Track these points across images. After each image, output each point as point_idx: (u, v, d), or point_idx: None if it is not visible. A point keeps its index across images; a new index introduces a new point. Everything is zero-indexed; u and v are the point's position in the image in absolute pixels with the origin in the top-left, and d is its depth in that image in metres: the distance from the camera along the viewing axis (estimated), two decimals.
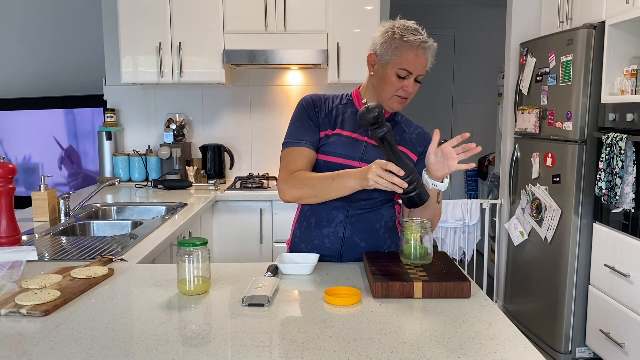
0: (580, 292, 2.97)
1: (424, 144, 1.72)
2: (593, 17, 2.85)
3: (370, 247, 1.69)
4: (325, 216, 1.68)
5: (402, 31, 1.64)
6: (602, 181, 2.65)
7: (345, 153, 1.63)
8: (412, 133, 1.74)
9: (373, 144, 1.65)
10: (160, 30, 3.38)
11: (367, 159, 1.62)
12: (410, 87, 1.64)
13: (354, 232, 1.67)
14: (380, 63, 1.65)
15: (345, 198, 1.64)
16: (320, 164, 1.65)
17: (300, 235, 1.74)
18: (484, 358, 1.03)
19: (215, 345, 1.08)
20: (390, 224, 1.73)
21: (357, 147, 1.64)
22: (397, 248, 1.74)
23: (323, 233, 1.69)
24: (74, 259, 1.75)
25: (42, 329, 1.17)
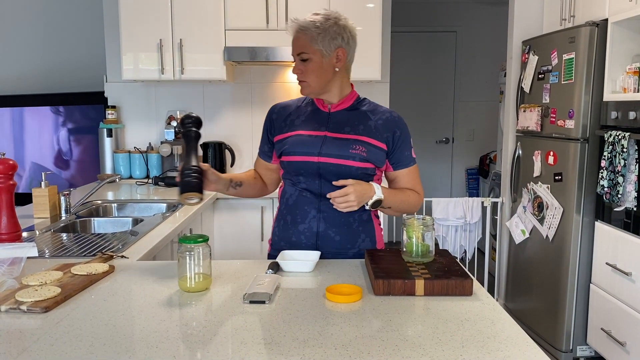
0: (582, 291, 2.97)
1: (392, 129, 1.73)
2: (596, 15, 2.84)
3: (345, 241, 1.71)
4: (299, 213, 1.72)
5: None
6: (604, 179, 2.64)
7: (304, 150, 1.68)
8: (379, 120, 1.73)
9: (333, 137, 1.68)
10: (161, 27, 3.37)
11: (326, 153, 1.66)
12: (296, 68, 1.70)
13: (327, 226, 1.70)
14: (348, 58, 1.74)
15: (316, 193, 1.70)
16: (285, 164, 1.74)
17: (279, 233, 1.79)
18: (486, 356, 1.02)
19: (216, 343, 1.08)
20: (364, 217, 1.74)
21: (315, 142, 1.68)
22: (372, 242, 1.77)
23: (299, 230, 1.72)
24: (75, 256, 1.75)
25: (43, 325, 1.17)
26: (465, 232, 3.79)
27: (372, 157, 1.68)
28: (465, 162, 5.75)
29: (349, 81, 1.76)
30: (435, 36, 5.66)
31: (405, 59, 5.59)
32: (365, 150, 1.66)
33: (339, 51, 1.67)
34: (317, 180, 1.69)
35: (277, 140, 1.75)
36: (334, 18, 1.68)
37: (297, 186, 1.73)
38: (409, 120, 6.14)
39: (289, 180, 1.76)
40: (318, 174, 1.68)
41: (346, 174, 1.65)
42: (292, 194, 1.74)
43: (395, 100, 5.10)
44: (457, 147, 5.79)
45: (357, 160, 1.65)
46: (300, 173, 1.70)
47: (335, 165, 1.65)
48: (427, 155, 5.78)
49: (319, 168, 1.67)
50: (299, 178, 1.71)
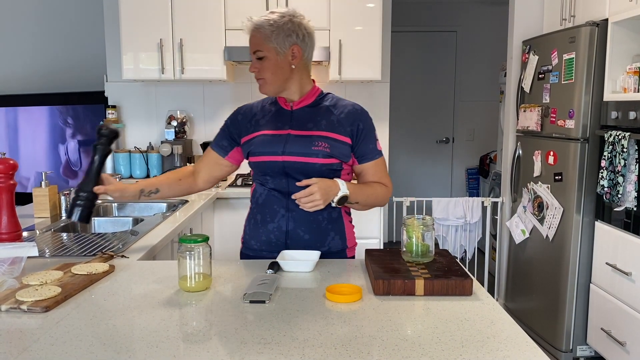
0: (582, 291, 2.97)
1: (355, 122, 1.72)
2: (596, 15, 2.84)
3: (314, 240, 1.72)
4: (268, 212, 1.74)
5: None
6: (604, 179, 2.65)
7: (268, 150, 1.69)
8: (341, 114, 1.73)
9: (296, 135, 1.69)
10: (161, 27, 3.37)
11: (289, 151, 1.67)
12: (252, 67, 1.71)
13: (296, 225, 1.71)
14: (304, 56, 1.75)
15: (284, 192, 1.70)
16: (252, 165, 1.75)
17: (250, 232, 1.80)
18: (485, 356, 1.03)
19: (216, 342, 1.08)
20: (334, 215, 1.75)
21: (278, 141, 1.70)
22: (342, 241, 1.77)
23: (268, 229, 1.74)
24: (75, 256, 1.75)
25: (43, 325, 1.17)
26: (465, 232, 3.79)
27: (336, 152, 1.68)
28: (466, 162, 5.75)
29: (309, 78, 1.76)
30: (436, 36, 5.65)
31: (406, 59, 5.59)
32: (328, 146, 1.66)
33: (294, 48, 1.67)
34: (284, 179, 1.70)
35: (244, 141, 1.76)
36: (289, 16, 1.68)
37: (266, 186, 1.74)
38: (409, 120, 6.16)
39: (258, 180, 1.77)
40: (284, 172, 1.68)
41: (311, 171, 1.65)
42: (262, 193, 1.75)
43: (395, 100, 5.10)
44: (457, 147, 5.79)
45: (320, 156, 1.66)
46: (266, 173, 1.71)
47: (300, 163, 1.66)
48: (427, 155, 5.78)
49: (284, 167, 1.67)
50: (266, 178, 1.73)
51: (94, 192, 1.62)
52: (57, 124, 4.31)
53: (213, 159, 1.83)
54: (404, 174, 5.73)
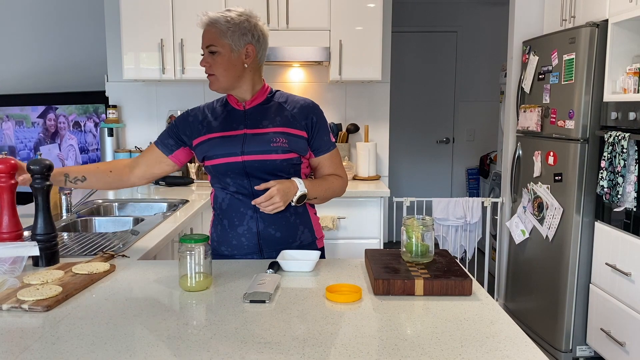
0: (581, 291, 2.97)
1: (308, 115, 1.74)
2: (596, 16, 2.84)
3: (286, 236, 1.73)
4: (235, 215, 1.73)
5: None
6: (604, 180, 2.65)
7: (225, 152, 1.69)
8: (294, 109, 1.75)
9: (253, 134, 1.69)
10: (162, 27, 3.37)
11: (248, 151, 1.67)
12: (204, 61, 1.72)
13: (266, 224, 1.72)
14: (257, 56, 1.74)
15: (247, 194, 1.70)
16: (210, 169, 1.73)
17: (217, 238, 1.79)
18: (484, 356, 1.03)
19: (216, 342, 1.08)
20: (299, 209, 1.76)
21: (236, 142, 1.69)
22: (311, 234, 1.79)
23: (238, 232, 1.73)
24: (76, 255, 1.75)
25: (44, 324, 1.17)
26: (465, 232, 3.79)
27: (295, 147, 1.69)
28: (466, 162, 5.75)
29: (260, 78, 1.77)
30: (436, 36, 5.66)
31: (406, 59, 5.60)
32: (286, 142, 1.68)
33: (249, 47, 1.68)
34: (246, 179, 1.69)
35: (197, 144, 1.74)
36: (247, 15, 1.69)
37: (227, 189, 1.73)
38: (409, 120, 6.19)
39: (217, 185, 1.76)
40: (245, 173, 1.68)
41: (272, 167, 1.67)
42: (225, 198, 1.74)
43: (396, 100, 5.11)
44: (458, 147, 5.79)
45: (280, 152, 1.66)
46: (226, 175, 1.70)
47: (260, 161, 1.66)
48: (428, 155, 5.79)
49: (245, 167, 1.67)
50: (226, 180, 1.72)
51: (50, 234, 1.57)
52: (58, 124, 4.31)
53: (155, 156, 1.80)
54: (404, 174, 5.74)
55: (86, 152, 4.30)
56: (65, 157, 4.34)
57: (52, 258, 1.57)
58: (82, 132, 4.28)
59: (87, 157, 4.30)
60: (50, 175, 1.57)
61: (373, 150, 3.65)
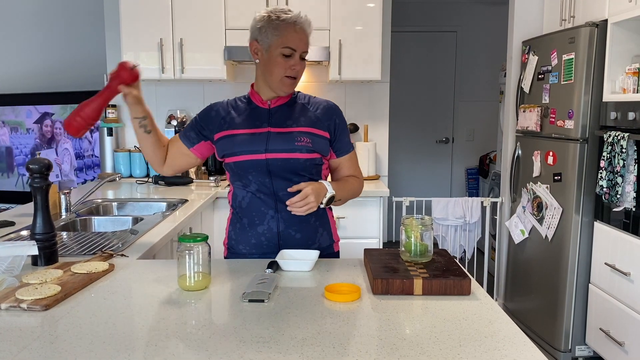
0: (581, 291, 2.97)
1: (332, 117, 1.75)
2: (595, 16, 2.84)
3: (305, 238, 1.73)
4: (256, 215, 1.72)
5: (277, 13, 1.67)
6: (604, 180, 2.65)
7: (249, 149, 1.67)
8: (317, 110, 1.75)
9: (276, 132, 1.68)
10: (161, 27, 3.37)
11: (272, 149, 1.66)
12: (298, 65, 1.67)
13: (287, 225, 1.71)
14: (263, 48, 1.68)
15: (269, 193, 1.69)
16: (231, 166, 1.72)
17: (235, 237, 1.78)
18: (483, 355, 1.03)
19: (215, 341, 1.08)
20: (319, 211, 1.76)
21: (260, 139, 1.68)
22: (329, 237, 1.79)
23: (258, 231, 1.72)
24: (75, 255, 1.75)
25: (43, 323, 1.17)
26: (464, 231, 3.79)
27: (318, 147, 1.69)
28: (465, 162, 5.75)
29: None
30: (436, 36, 5.66)
31: (406, 59, 5.60)
32: (310, 141, 1.68)
33: None
34: (268, 178, 1.68)
35: (217, 138, 1.73)
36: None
37: (248, 188, 1.72)
38: (409, 120, 6.20)
39: (238, 183, 1.75)
40: (267, 171, 1.67)
41: (295, 166, 1.66)
42: (245, 197, 1.73)
43: (395, 100, 5.11)
44: (457, 147, 5.79)
45: (304, 152, 1.66)
46: (249, 172, 1.69)
47: (284, 159, 1.66)
48: (427, 155, 5.79)
49: (268, 165, 1.66)
50: (248, 178, 1.70)
51: (49, 233, 1.55)
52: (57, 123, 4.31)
53: (177, 148, 1.80)
54: (404, 173, 5.74)
55: (82, 157, 4.31)
56: (61, 161, 4.34)
57: (51, 257, 1.57)
58: (77, 139, 4.29)
59: (82, 163, 4.31)
60: (49, 174, 1.56)
61: (372, 150, 3.65)
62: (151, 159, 1.79)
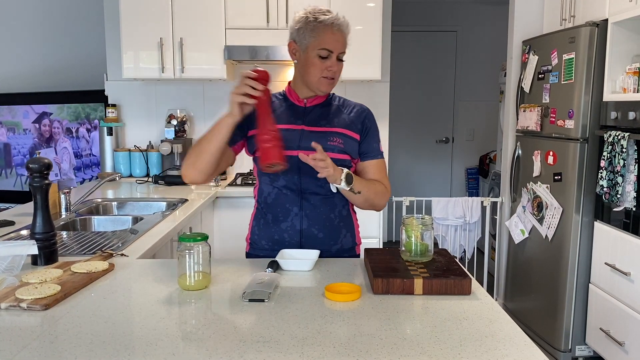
0: (581, 291, 2.97)
1: (365, 120, 1.76)
2: (596, 15, 2.84)
3: (328, 238, 1.73)
4: (280, 211, 1.71)
5: (315, 14, 1.67)
6: (604, 180, 2.65)
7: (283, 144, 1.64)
8: (351, 112, 1.76)
9: (310, 131, 1.68)
10: (161, 26, 3.37)
11: (305, 146, 1.65)
12: (335, 66, 1.67)
13: (310, 223, 1.71)
14: (300, 49, 1.68)
15: (296, 190, 1.69)
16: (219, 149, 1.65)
17: (259, 232, 1.77)
18: (484, 355, 1.03)
19: (215, 341, 1.08)
20: (344, 212, 1.76)
21: (293, 136, 1.68)
22: (352, 237, 1.79)
23: (281, 228, 1.72)
24: (75, 254, 1.75)
25: (42, 323, 1.17)
26: (464, 231, 3.79)
27: (349, 149, 1.70)
28: (465, 161, 5.75)
29: None
30: (436, 36, 5.65)
31: (406, 58, 5.59)
32: (342, 142, 1.68)
33: None
34: (297, 175, 1.68)
35: (252, 134, 1.70)
36: None
37: (275, 184, 1.71)
38: (409, 119, 6.17)
39: (265, 178, 1.73)
40: (297, 168, 1.66)
41: None
42: (271, 192, 1.73)
43: (395, 100, 5.10)
44: (457, 147, 5.79)
45: (335, 152, 1.66)
46: None
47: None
48: (427, 154, 5.78)
49: (299, 161, 1.64)
50: (277, 174, 1.69)
51: (49, 233, 1.54)
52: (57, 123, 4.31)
53: (227, 151, 1.70)
54: (404, 173, 5.73)
55: (80, 157, 4.31)
56: (60, 160, 4.35)
57: (50, 257, 1.57)
58: (74, 138, 4.30)
59: (80, 162, 4.31)
60: (49, 173, 1.55)
61: None
62: (203, 167, 1.63)
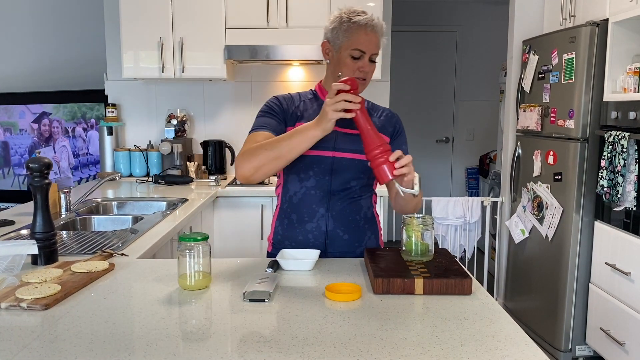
0: (581, 291, 2.97)
1: (395, 125, 1.76)
2: (596, 15, 2.84)
3: (353, 240, 1.72)
4: (306, 211, 1.69)
5: (349, 15, 1.65)
6: (604, 179, 2.65)
7: (318, 144, 1.60)
8: (380, 117, 1.76)
9: (344, 132, 1.66)
10: (161, 26, 3.37)
11: (340, 147, 1.64)
12: (366, 67, 1.65)
13: (336, 225, 1.69)
14: (333, 49, 1.68)
15: (325, 191, 1.67)
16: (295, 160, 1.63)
17: (282, 232, 1.75)
18: (484, 355, 1.03)
19: (215, 341, 1.08)
20: (369, 214, 1.75)
21: (328, 137, 1.61)
22: (376, 239, 1.78)
23: (306, 229, 1.70)
24: (75, 254, 1.75)
25: (43, 322, 1.17)
26: (464, 231, 3.79)
27: None
28: (465, 161, 5.75)
29: None
30: (436, 35, 5.65)
31: (406, 58, 5.59)
32: None
33: None
34: (328, 176, 1.66)
35: (287, 130, 1.67)
36: None
37: (304, 183, 1.68)
38: (409, 119, 6.19)
39: (294, 176, 1.70)
40: (331, 169, 1.65)
41: (359, 168, 1.65)
42: (297, 192, 1.70)
43: (396, 100, 5.10)
44: (457, 147, 5.79)
45: None
46: (311, 168, 1.66)
47: (350, 160, 1.65)
48: (427, 154, 5.78)
49: (333, 163, 1.64)
50: (308, 173, 1.67)
51: (49, 232, 1.54)
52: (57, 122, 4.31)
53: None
54: None
55: (77, 156, 4.31)
56: (59, 158, 4.35)
57: (51, 256, 1.57)
58: (72, 138, 4.29)
59: (78, 161, 4.31)
60: (49, 173, 1.55)
61: None
62: (270, 171, 1.55)
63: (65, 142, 4.31)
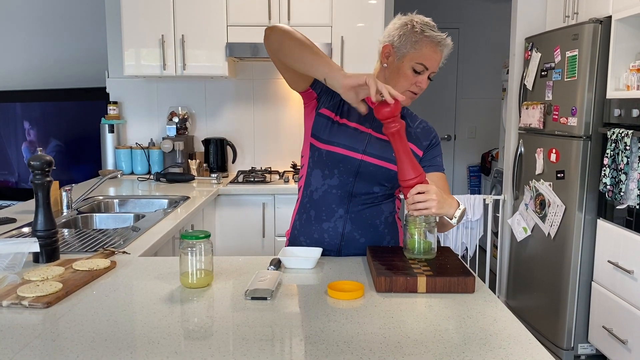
0: (583, 289, 2.96)
1: (429, 138, 1.72)
2: (599, 12, 2.83)
3: (370, 243, 1.68)
4: (325, 210, 1.66)
5: (422, 26, 1.62)
6: (607, 177, 2.64)
7: (349, 144, 1.60)
8: (417, 127, 1.72)
9: (377, 137, 1.63)
10: (163, 23, 3.36)
11: (370, 152, 1.61)
12: (424, 83, 1.61)
13: (353, 227, 1.66)
14: (396, 55, 1.62)
15: (346, 192, 1.63)
16: (323, 153, 1.62)
17: (300, 228, 1.71)
18: (488, 353, 1.02)
19: (217, 339, 1.08)
20: (390, 219, 1.71)
21: (361, 139, 1.62)
22: (396, 244, 1.73)
23: (323, 228, 1.67)
24: (76, 252, 1.75)
25: (44, 320, 1.17)
26: (466, 229, 3.78)
27: None
28: (467, 159, 5.74)
29: None
30: None
31: None
32: None
33: None
34: (352, 178, 1.62)
35: (322, 112, 1.63)
36: None
37: (327, 180, 1.64)
38: None
39: (318, 171, 1.66)
40: (357, 171, 1.61)
41: (384, 176, 1.61)
42: (319, 188, 1.66)
43: None
44: (459, 144, 5.78)
45: (396, 163, 1.59)
46: (337, 166, 1.62)
47: (377, 166, 1.60)
48: None
49: (360, 166, 1.60)
50: (333, 171, 1.63)
51: (51, 230, 1.54)
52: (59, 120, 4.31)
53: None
54: None
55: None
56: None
57: (52, 254, 1.57)
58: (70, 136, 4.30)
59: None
60: (50, 170, 1.55)
61: None
62: (284, 57, 1.57)
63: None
